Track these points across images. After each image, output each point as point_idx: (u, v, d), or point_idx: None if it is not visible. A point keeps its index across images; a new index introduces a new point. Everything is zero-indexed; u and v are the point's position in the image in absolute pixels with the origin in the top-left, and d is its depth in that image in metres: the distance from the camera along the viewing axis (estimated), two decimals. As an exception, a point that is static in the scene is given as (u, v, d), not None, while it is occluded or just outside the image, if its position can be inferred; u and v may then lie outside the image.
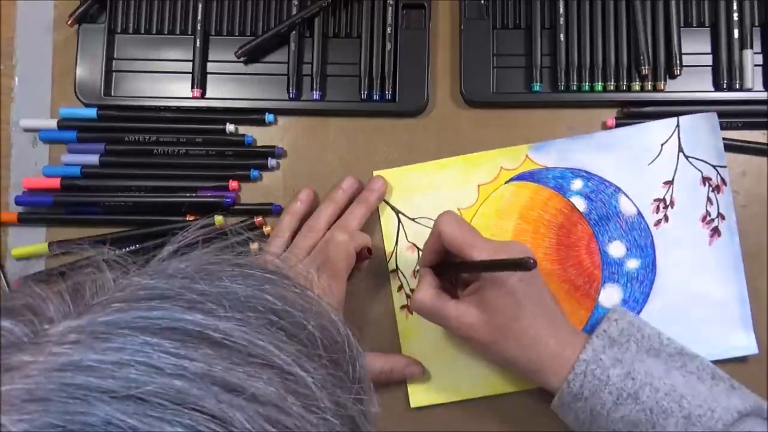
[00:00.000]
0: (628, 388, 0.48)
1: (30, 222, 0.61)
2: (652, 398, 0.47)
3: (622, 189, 0.59)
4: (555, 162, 0.59)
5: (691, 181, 0.58)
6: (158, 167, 0.61)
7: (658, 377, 0.48)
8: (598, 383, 0.48)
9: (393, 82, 0.61)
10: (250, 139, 0.61)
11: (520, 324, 0.49)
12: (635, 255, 0.58)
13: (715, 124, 0.58)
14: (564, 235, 0.59)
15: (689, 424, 0.46)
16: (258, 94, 0.61)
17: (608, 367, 0.48)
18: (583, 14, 0.61)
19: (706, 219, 0.58)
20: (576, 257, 0.58)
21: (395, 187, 0.60)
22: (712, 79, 0.60)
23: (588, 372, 0.49)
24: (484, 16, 0.61)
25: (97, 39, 0.61)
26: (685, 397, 0.47)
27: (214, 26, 0.62)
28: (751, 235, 0.59)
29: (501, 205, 0.59)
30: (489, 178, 0.60)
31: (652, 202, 0.58)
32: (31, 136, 0.62)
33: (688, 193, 0.58)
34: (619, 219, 0.58)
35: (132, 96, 0.62)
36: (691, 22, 0.61)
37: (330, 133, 0.61)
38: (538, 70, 0.60)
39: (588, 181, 0.59)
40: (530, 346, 0.50)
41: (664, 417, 0.47)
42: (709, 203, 0.58)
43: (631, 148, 0.59)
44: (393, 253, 0.59)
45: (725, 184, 0.58)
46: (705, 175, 0.58)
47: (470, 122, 0.61)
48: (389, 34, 0.61)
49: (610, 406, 0.48)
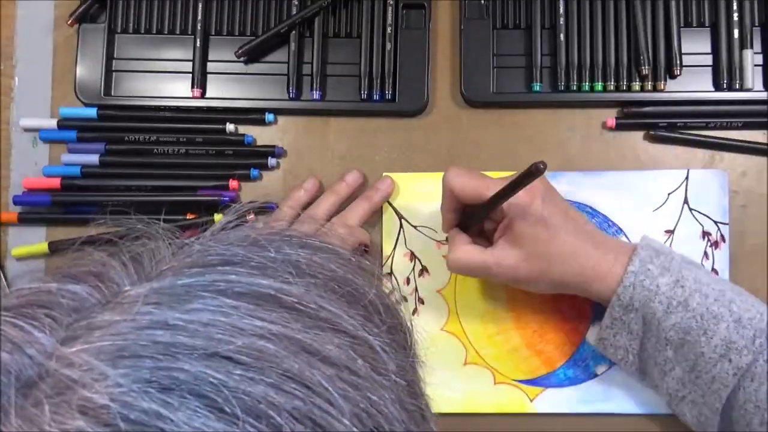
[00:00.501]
0: (678, 296, 0.48)
1: (30, 222, 0.61)
2: (703, 304, 0.47)
3: (624, 231, 0.59)
4: (564, 193, 0.58)
5: (692, 234, 0.58)
6: (158, 167, 0.61)
7: (707, 283, 0.48)
8: (648, 293, 0.48)
9: (393, 82, 0.61)
10: (250, 138, 0.61)
11: (556, 243, 0.50)
12: None
13: (724, 182, 0.58)
14: None
15: (740, 327, 0.47)
16: (258, 93, 0.61)
17: (657, 276, 0.49)
18: (583, 14, 0.61)
19: None
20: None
21: (402, 191, 0.60)
22: (712, 79, 0.60)
23: (637, 283, 0.49)
24: (484, 16, 0.61)
25: (97, 39, 0.61)
26: (734, 301, 0.48)
27: (214, 26, 0.62)
28: (751, 236, 0.59)
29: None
30: None
31: None
32: (31, 135, 0.62)
33: (687, 244, 0.58)
34: None
35: (132, 96, 0.62)
36: (691, 22, 0.61)
37: (330, 133, 0.61)
38: (538, 70, 0.60)
39: (593, 217, 0.59)
40: (572, 261, 0.50)
41: (715, 322, 0.47)
42: (705, 257, 0.58)
43: (639, 192, 0.59)
44: (390, 257, 0.59)
45: (724, 241, 0.58)
46: (705, 230, 0.58)
47: (470, 122, 0.61)
48: (389, 34, 0.61)
49: (660, 315, 0.48)
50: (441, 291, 0.59)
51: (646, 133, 0.60)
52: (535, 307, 0.58)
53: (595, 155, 0.60)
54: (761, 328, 0.46)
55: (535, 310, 0.58)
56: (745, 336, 0.47)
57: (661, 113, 0.60)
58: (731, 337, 0.47)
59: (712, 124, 0.60)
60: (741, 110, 0.60)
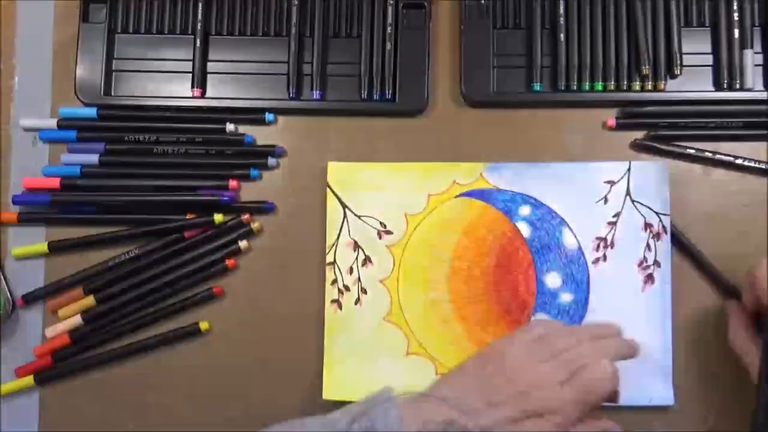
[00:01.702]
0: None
1: (30, 222, 0.61)
2: None
3: (567, 222, 0.59)
4: (508, 184, 0.59)
5: (634, 225, 0.59)
6: (158, 167, 0.61)
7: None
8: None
9: (393, 82, 0.61)
10: (250, 138, 0.61)
11: None
12: (570, 289, 0.58)
13: (664, 174, 0.59)
14: (504, 257, 0.59)
15: None
16: (258, 93, 0.61)
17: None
18: (583, 14, 0.61)
19: (643, 264, 0.58)
20: (512, 281, 0.59)
21: (346, 180, 0.60)
22: (712, 79, 0.60)
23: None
24: (484, 16, 0.61)
25: (98, 39, 0.62)
26: None
27: (214, 26, 0.62)
28: (752, 236, 0.59)
29: (447, 218, 0.59)
30: (440, 189, 0.60)
31: (593, 240, 0.59)
32: (31, 135, 0.62)
33: (629, 236, 0.58)
34: (560, 251, 0.59)
35: (132, 96, 0.62)
36: (691, 22, 0.61)
37: (330, 133, 0.61)
38: (538, 70, 0.60)
39: (536, 209, 0.59)
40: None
41: None
42: (647, 249, 0.58)
43: (582, 184, 0.59)
44: (333, 247, 0.59)
45: (666, 232, 0.58)
46: (647, 221, 0.58)
47: (470, 122, 0.61)
48: (389, 33, 0.61)
49: None
50: (384, 281, 0.59)
51: (646, 134, 0.60)
52: (477, 298, 0.58)
53: (595, 155, 0.60)
54: None
55: (477, 301, 0.58)
56: None
57: (661, 113, 0.60)
58: None
59: (712, 124, 0.60)
60: (741, 110, 0.60)
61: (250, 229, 0.60)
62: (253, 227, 0.60)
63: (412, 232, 0.59)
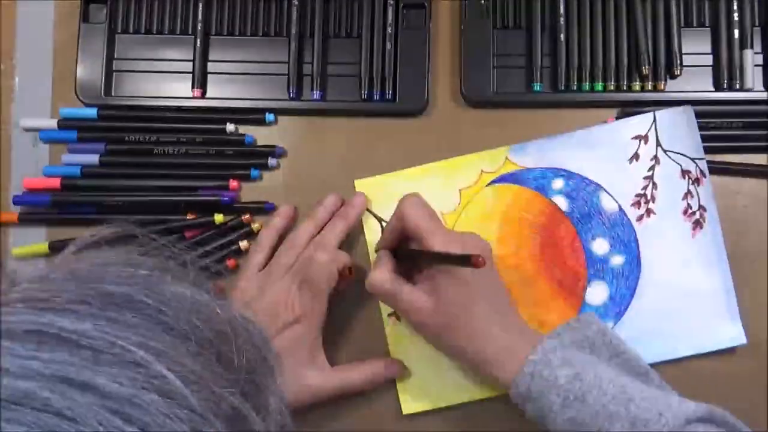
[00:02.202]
0: (575, 390, 0.47)
1: (30, 222, 0.61)
2: (599, 402, 0.46)
3: (602, 186, 0.59)
4: (535, 162, 0.59)
5: (671, 175, 0.58)
6: (158, 167, 0.61)
7: (608, 380, 0.47)
8: (545, 384, 0.48)
9: (393, 82, 0.61)
10: (251, 138, 0.61)
11: (469, 314, 0.50)
12: (619, 251, 0.58)
13: (691, 117, 0.58)
14: (548, 235, 0.59)
15: (634, 428, 0.45)
16: (258, 93, 0.61)
17: (556, 368, 0.48)
18: (583, 14, 0.61)
19: (688, 212, 0.58)
20: (561, 257, 0.58)
21: (378, 194, 0.60)
22: (712, 79, 0.60)
23: (536, 372, 0.48)
24: (485, 16, 0.61)
25: (98, 39, 0.62)
26: (633, 400, 0.46)
27: (214, 26, 0.62)
28: (752, 235, 0.59)
29: (483, 209, 0.59)
30: (470, 181, 0.60)
31: (633, 198, 0.58)
32: (32, 136, 0.62)
33: (669, 187, 0.58)
34: (601, 216, 0.59)
35: (132, 96, 0.62)
36: (691, 22, 0.61)
37: (330, 133, 0.61)
38: (539, 70, 0.60)
39: (569, 179, 0.59)
40: (478, 338, 0.50)
41: (610, 421, 0.46)
42: (689, 196, 0.58)
43: (609, 145, 0.59)
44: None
45: (704, 176, 0.58)
46: (684, 168, 0.58)
47: (470, 122, 0.61)
48: (389, 33, 0.61)
49: (557, 407, 0.47)
50: None
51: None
52: (530, 281, 0.58)
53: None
54: (656, 429, 0.45)
55: (530, 283, 0.58)
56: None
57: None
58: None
59: (712, 124, 0.60)
60: (741, 110, 0.60)
61: (250, 230, 0.60)
62: (253, 227, 0.60)
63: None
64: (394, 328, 0.58)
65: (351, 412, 0.58)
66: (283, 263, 0.56)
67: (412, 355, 0.58)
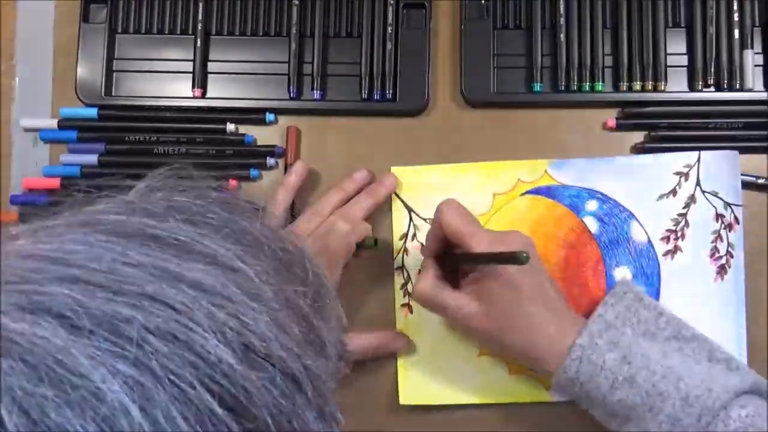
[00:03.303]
0: (624, 373, 0.48)
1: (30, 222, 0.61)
2: (649, 381, 0.47)
3: (635, 216, 0.58)
4: (573, 180, 0.59)
5: (705, 216, 0.58)
6: (158, 167, 0.61)
7: (655, 360, 0.48)
8: (593, 368, 0.48)
9: (393, 82, 0.61)
10: (251, 138, 0.61)
11: (518, 313, 0.50)
12: (640, 282, 0.58)
13: (735, 162, 0.58)
14: (573, 254, 0.58)
15: (686, 405, 0.46)
16: (258, 93, 0.61)
17: (604, 352, 0.48)
18: (584, 14, 0.61)
19: (715, 255, 0.58)
20: (582, 278, 0.58)
21: (411, 184, 0.60)
22: (713, 80, 0.60)
23: (584, 357, 0.49)
24: (485, 16, 0.61)
25: (98, 39, 0.62)
26: (682, 378, 0.47)
27: (214, 26, 0.62)
28: (752, 236, 0.59)
29: (514, 217, 0.59)
30: (506, 188, 0.59)
31: (663, 233, 0.58)
32: (32, 135, 0.62)
33: (701, 227, 0.58)
34: (629, 245, 0.58)
35: (133, 96, 0.62)
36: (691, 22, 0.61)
37: (330, 133, 0.61)
38: (539, 70, 0.60)
39: (603, 203, 0.59)
40: (529, 335, 0.50)
41: (661, 400, 0.47)
42: (719, 240, 0.58)
43: (649, 176, 0.59)
44: (401, 251, 0.59)
45: (738, 223, 0.58)
46: (719, 212, 0.58)
47: (471, 122, 0.61)
48: (390, 33, 0.61)
49: (606, 390, 0.48)
50: None
51: (646, 134, 0.60)
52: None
53: (596, 155, 0.60)
54: (708, 406, 0.46)
55: None
56: (691, 414, 0.46)
57: (662, 113, 0.60)
58: (677, 414, 0.46)
59: (712, 124, 0.60)
60: (741, 110, 0.60)
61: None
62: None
63: None
64: (406, 320, 0.58)
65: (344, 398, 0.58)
66: (303, 228, 0.56)
67: (419, 348, 0.58)
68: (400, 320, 0.58)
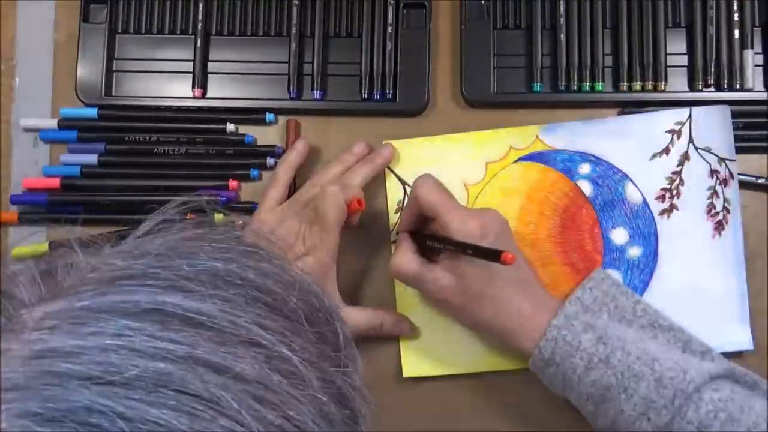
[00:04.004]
0: (599, 353, 0.48)
1: (30, 222, 0.61)
2: (624, 362, 0.47)
3: (629, 176, 0.59)
4: (565, 145, 0.59)
5: (699, 173, 0.58)
6: (158, 167, 0.61)
7: (631, 341, 0.48)
8: (569, 348, 0.49)
9: (394, 82, 0.61)
10: (251, 138, 0.61)
11: (493, 290, 0.50)
12: (638, 243, 0.58)
13: (726, 117, 0.58)
14: (568, 218, 0.59)
15: (660, 387, 0.46)
16: (259, 93, 0.61)
17: (580, 333, 0.49)
18: (584, 14, 0.61)
19: (712, 212, 0.58)
20: (579, 241, 0.58)
21: (403, 157, 0.60)
22: (713, 80, 0.60)
23: (559, 337, 0.49)
24: (485, 16, 0.61)
25: (98, 39, 0.62)
26: (657, 360, 0.47)
27: (215, 26, 0.62)
28: (752, 236, 0.59)
29: (508, 184, 0.59)
30: (498, 156, 0.59)
31: (658, 192, 0.58)
32: (32, 135, 0.62)
33: (696, 184, 0.58)
34: (624, 206, 0.58)
35: (133, 96, 0.62)
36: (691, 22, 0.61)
37: (330, 133, 0.61)
38: (539, 71, 0.60)
39: (596, 166, 0.59)
40: (503, 312, 0.50)
41: (636, 380, 0.47)
42: (715, 196, 0.58)
43: (641, 136, 0.59)
44: (396, 224, 0.59)
45: (732, 178, 0.58)
46: (713, 168, 0.58)
47: (471, 122, 0.61)
48: (390, 33, 0.61)
49: (581, 371, 0.48)
50: None
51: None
52: (545, 261, 0.58)
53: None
54: (681, 389, 0.46)
55: (545, 264, 0.58)
56: (665, 396, 0.46)
57: (662, 113, 0.60)
58: (651, 396, 0.46)
59: (712, 124, 0.60)
60: (741, 110, 0.60)
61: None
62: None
63: (474, 202, 0.59)
64: (405, 293, 0.58)
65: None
66: (302, 199, 0.57)
67: (419, 318, 0.58)
68: (399, 293, 0.58)
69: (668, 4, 0.61)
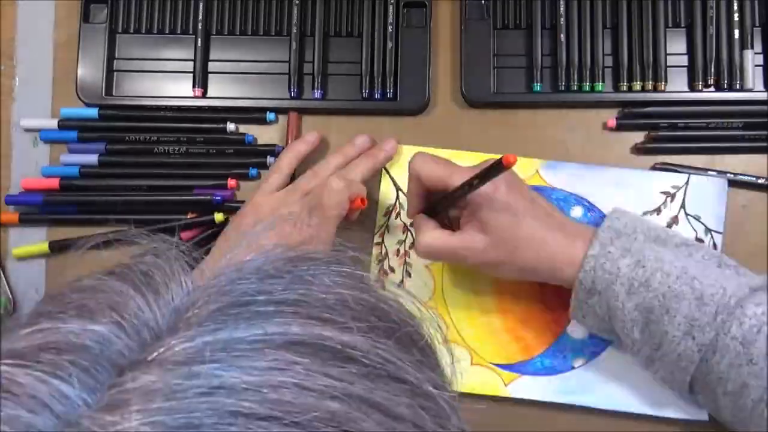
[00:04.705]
0: (639, 277, 0.48)
1: (31, 222, 0.61)
2: (664, 283, 0.47)
3: None
4: (563, 184, 0.59)
5: None
6: (158, 167, 0.61)
7: (669, 261, 0.48)
8: (609, 276, 0.48)
9: (394, 81, 0.61)
10: (251, 138, 0.61)
11: (523, 229, 0.50)
12: None
13: (723, 191, 0.58)
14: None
15: (702, 304, 0.46)
16: (259, 93, 0.61)
17: (617, 259, 0.48)
18: (584, 14, 0.61)
19: None
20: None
21: (401, 163, 0.60)
22: (713, 80, 0.60)
23: (598, 267, 0.49)
24: (485, 15, 0.61)
25: (99, 39, 0.62)
26: (697, 278, 0.47)
27: (215, 25, 0.62)
28: (752, 235, 0.59)
29: None
30: None
31: None
32: (32, 136, 0.62)
33: None
34: None
35: (133, 96, 0.62)
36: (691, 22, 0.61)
37: (331, 132, 0.62)
38: (539, 70, 0.60)
39: (588, 211, 0.59)
40: (540, 248, 0.50)
41: (677, 300, 0.47)
42: None
43: (637, 192, 0.58)
44: (383, 227, 0.59)
45: (716, 249, 0.57)
46: (698, 237, 0.58)
47: (471, 122, 0.61)
48: (390, 33, 0.61)
49: (623, 297, 0.48)
50: (430, 266, 0.59)
51: (646, 134, 0.60)
52: (521, 294, 0.58)
53: (596, 155, 0.60)
54: (723, 304, 0.46)
55: (520, 297, 0.58)
56: (707, 313, 0.46)
57: (661, 113, 0.60)
58: (693, 314, 0.46)
59: (712, 124, 0.60)
60: (741, 110, 0.60)
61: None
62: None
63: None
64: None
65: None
66: (302, 188, 0.56)
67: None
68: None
69: (668, 4, 0.61)
